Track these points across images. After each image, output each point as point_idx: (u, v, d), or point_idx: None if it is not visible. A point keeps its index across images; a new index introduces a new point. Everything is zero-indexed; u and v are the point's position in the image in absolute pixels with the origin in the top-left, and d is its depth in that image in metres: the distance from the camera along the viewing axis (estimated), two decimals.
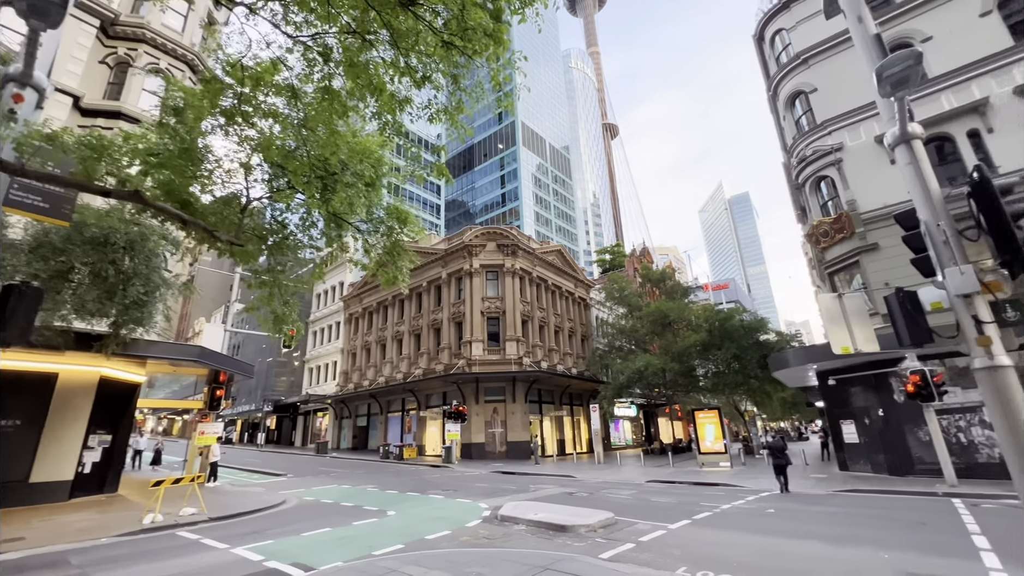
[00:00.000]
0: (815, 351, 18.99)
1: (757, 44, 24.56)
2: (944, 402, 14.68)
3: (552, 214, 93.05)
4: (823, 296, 5.15)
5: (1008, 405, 3.82)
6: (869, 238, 17.75)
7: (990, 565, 6.58)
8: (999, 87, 16.41)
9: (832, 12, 6.38)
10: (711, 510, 11.53)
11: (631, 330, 34.01)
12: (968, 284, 4.06)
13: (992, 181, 4.17)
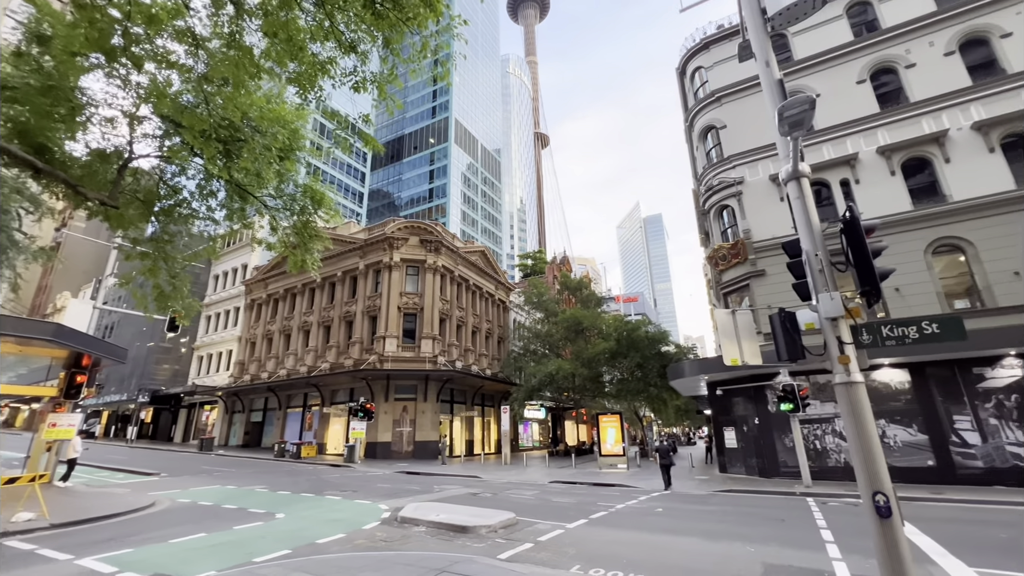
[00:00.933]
0: (707, 363, 20.81)
1: (679, 77, 26.49)
2: (807, 413, 16.78)
3: (479, 215, 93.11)
4: (720, 312, 5.60)
5: (859, 416, 4.38)
6: (759, 264, 19.83)
7: (832, 555, 7.56)
8: (866, 145, 19.19)
9: (745, 56, 7.00)
10: (607, 510, 12.09)
11: (546, 335, 34.96)
12: (835, 309, 4.62)
13: (860, 221, 4.79)
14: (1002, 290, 15.93)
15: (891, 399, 16.38)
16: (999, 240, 16.28)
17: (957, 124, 17.83)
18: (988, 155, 17.18)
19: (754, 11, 6.03)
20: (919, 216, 17.52)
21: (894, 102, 19.44)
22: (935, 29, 19.14)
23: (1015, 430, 14.73)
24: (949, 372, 15.87)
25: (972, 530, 9.27)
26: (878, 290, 4.57)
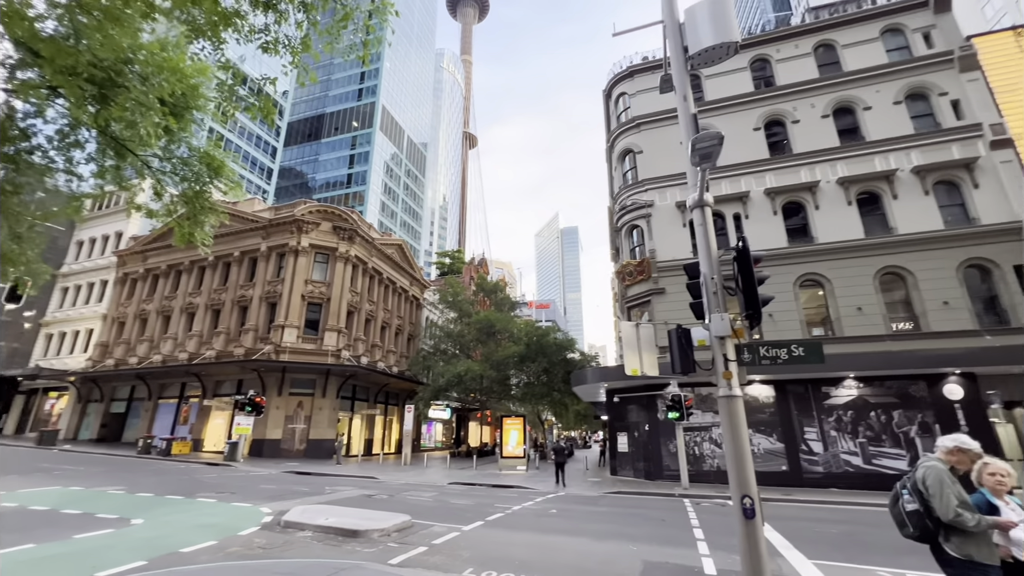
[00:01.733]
0: (608, 371, 22.04)
1: (605, 99, 27.92)
2: (690, 422, 18.41)
3: (399, 207, 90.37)
4: (625, 324, 5.92)
5: (736, 427, 4.85)
6: (660, 283, 21.43)
7: (702, 552, 8.31)
8: (756, 186, 21.64)
9: (665, 89, 7.50)
10: (504, 511, 12.23)
11: (458, 335, 34.75)
12: (724, 328, 5.08)
13: (750, 251, 5.32)
14: (848, 322, 18.80)
15: (758, 411, 18.54)
16: (849, 279, 19.21)
17: (826, 177, 20.79)
18: (847, 207, 20.22)
19: (677, 48, 6.49)
20: (792, 252, 20.11)
21: (781, 151, 22.16)
22: (816, 93, 22.16)
23: (848, 441, 17.42)
24: (804, 390, 18.36)
25: (811, 526, 10.73)
26: (760, 314, 5.11)
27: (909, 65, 21.08)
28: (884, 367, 17.16)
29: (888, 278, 19.15)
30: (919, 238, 18.83)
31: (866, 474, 16.71)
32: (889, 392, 17.50)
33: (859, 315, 18.73)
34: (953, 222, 18.93)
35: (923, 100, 20.76)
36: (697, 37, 6.25)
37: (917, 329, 18.20)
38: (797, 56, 23.11)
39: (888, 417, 17.29)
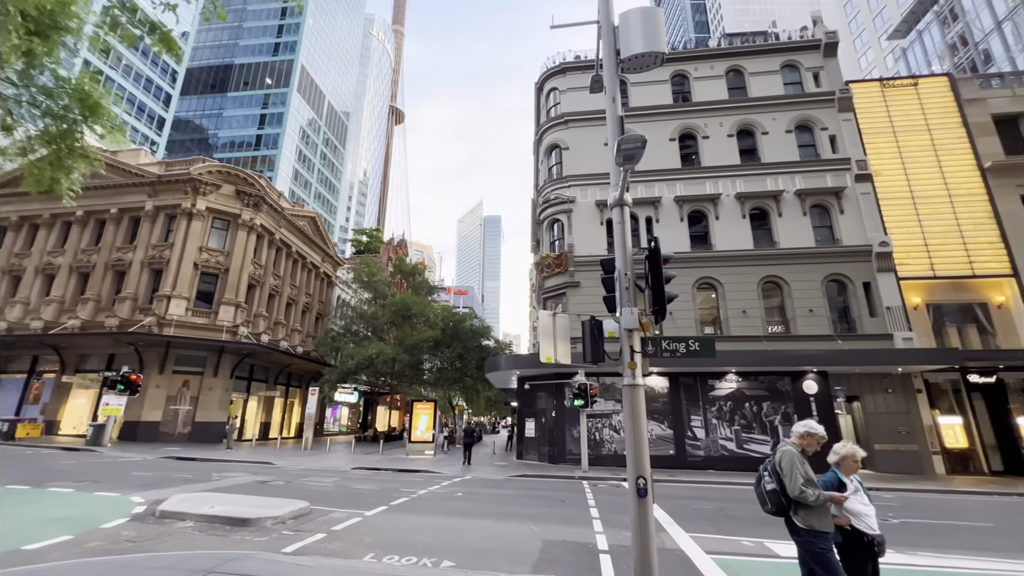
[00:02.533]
0: (521, 359, 22.61)
1: (537, 92, 28.21)
2: (593, 409, 19.51)
3: (315, 178, 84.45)
4: (543, 314, 6.09)
5: (636, 414, 5.22)
6: (576, 277, 22.32)
7: (597, 530, 8.90)
8: (668, 193, 23.26)
9: (595, 89, 7.75)
10: (409, 496, 12.12)
11: (371, 316, 33.51)
12: (633, 322, 5.42)
13: (660, 252, 5.71)
14: (734, 323, 21.01)
15: (653, 401, 20.15)
16: (738, 285, 21.44)
17: (727, 191, 22.90)
18: (741, 220, 22.48)
19: (610, 50, 6.71)
20: (694, 257, 21.96)
21: (691, 163, 23.99)
22: (725, 113, 24.24)
23: (726, 428, 19.58)
24: (693, 382, 20.27)
25: (690, 504, 11.94)
26: (665, 310, 5.52)
27: (800, 99, 23.81)
28: (760, 364, 19.48)
29: (769, 286, 21.67)
30: (796, 253, 21.51)
31: (739, 457, 18.93)
32: (761, 386, 19.92)
33: (743, 317, 21.02)
34: (822, 241, 21.86)
35: (808, 131, 23.60)
36: (629, 42, 6.50)
37: (787, 332, 20.86)
38: (711, 77, 25.07)
39: (759, 408, 19.70)
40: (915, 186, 21.97)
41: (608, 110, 6.54)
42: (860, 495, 4.15)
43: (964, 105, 22.81)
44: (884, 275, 20.66)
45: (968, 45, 49.39)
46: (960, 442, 19.33)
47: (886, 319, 20.12)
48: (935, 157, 22.30)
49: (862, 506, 4.08)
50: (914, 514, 10.92)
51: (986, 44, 47.44)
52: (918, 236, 21.24)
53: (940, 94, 23.34)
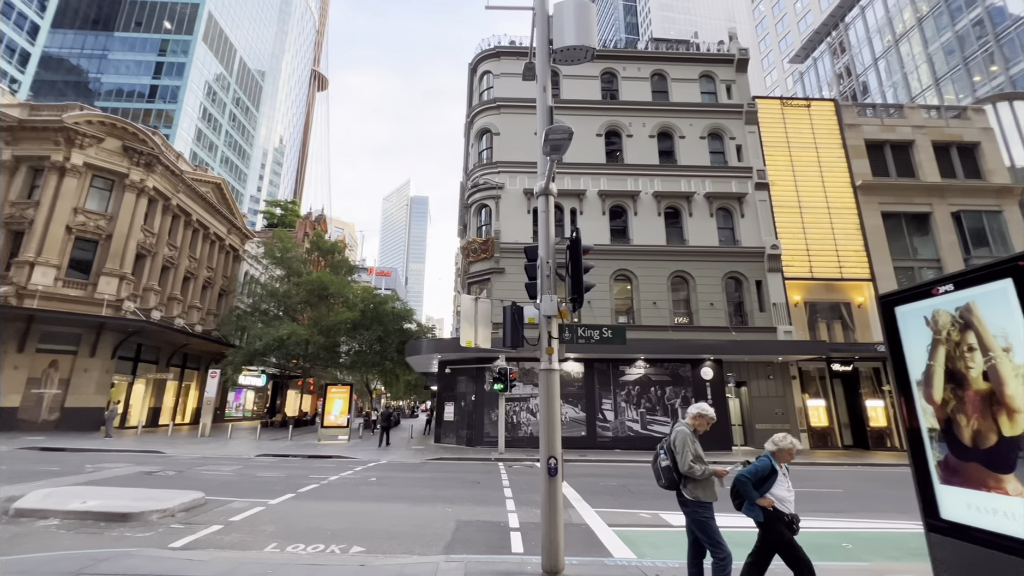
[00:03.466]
0: (443, 343, 22.50)
1: (470, 73, 27.72)
2: (512, 393, 19.97)
3: (222, 140, 76.49)
4: (466, 298, 6.10)
5: (551, 397, 5.43)
6: (502, 263, 22.53)
7: (509, 509, 9.20)
8: (592, 186, 24.12)
9: (528, 77, 7.80)
10: (319, 482, 11.66)
11: (284, 295, 31.37)
12: (552, 309, 5.60)
13: (581, 243, 5.93)
14: (646, 313, 22.49)
15: (569, 385, 21.07)
16: (651, 278, 22.91)
17: (646, 189, 24.24)
18: (657, 217, 23.95)
19: (543, 39, 6.76)
20: (613, 250, 23.08)
21: (615, 160, 25.03)
22: (648, 115, 25.51)
23: (633, 411, 21.03)
24: (606, 368, 21.46)
25: (597, 481, 12.74)
26: (582, 299, 5.77)
27: (714, 109, 25.70)
28: (665, 352, 21.09)
29: (677, 280, 23.41)
30: (702, 251, 23.39)
31: (642, 437, 20.45)
32: (666, 372, 21.59)
33: (654, 308, 22.56)
34: (725, 242, 23.97)
35: (719, 139, 25.58)
36: (562, 34, 6.59)
37: (691, 323, 22.74)
38: (638, 78, 26.21)
39: (662, 392, 21.36)
40: (802, 197, 24.77)
41: (539, 99, 6.61)
42: (787, 482, 4.47)
43: (844, 129, 26.00)
44: (773, 275, 23.18)
45: (852, 75, 56.17)
46: (822, 421, 22.44)
47: (772, 314, 22.65)
48: (819, 172, 25.26)
49: (786, 492, 4.41)
50: None
51: (865, 77, 54.25)
52: (801, 241, 24.03)
53: (827, 117, 26.38)
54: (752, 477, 4.40)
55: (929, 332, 4.91)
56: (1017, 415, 4.13)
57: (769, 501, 4.35)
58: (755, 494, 4.36)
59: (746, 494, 4.41)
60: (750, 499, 4.40)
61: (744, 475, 4.43)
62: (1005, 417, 4.23)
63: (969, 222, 24.96)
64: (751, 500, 4.41)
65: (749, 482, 4.37)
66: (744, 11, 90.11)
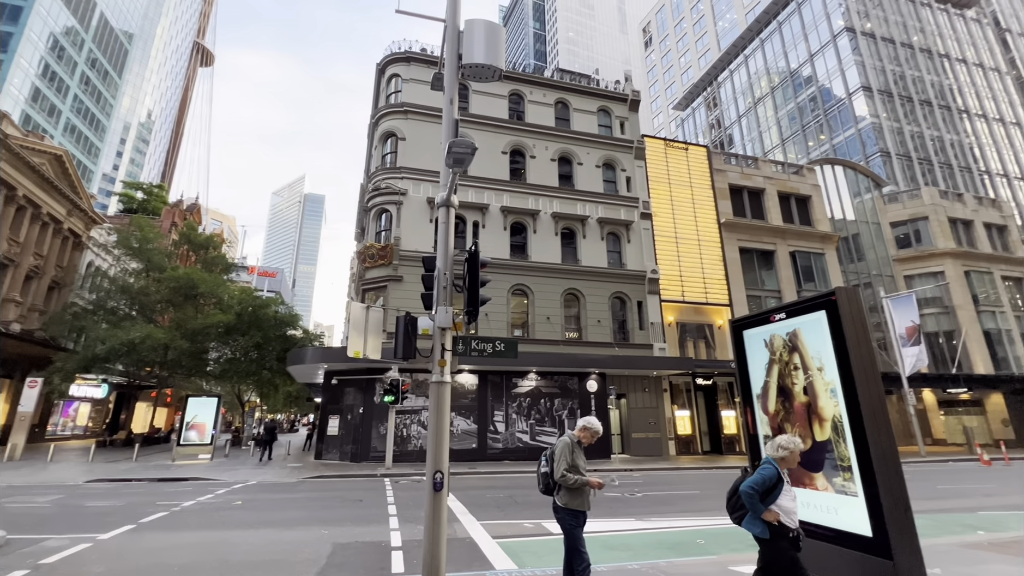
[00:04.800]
0: (331, 352, 21.13)
1: (378, 73, 26.89)
2: (403, 405, 19.35)
3: (68, 105, 64.50)
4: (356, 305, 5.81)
5: (441, 410, 5.37)
6: (400, 271, 21.92)
7: (392, 527, 8.84)
8: (495, 202, 24.64)
9: (436, 87, 7.77)
10: (169, 510, 10.15)
11: (140, 292, 27.10)
12: (447, 321, 5.57)
13: (479, 256, 6.01)
14: (540, 327, 23.37)
15: (463, 397, 21.02)
16: (546, 294, 23.92)
17: (546, 209, 25.39)
18: (554, 236, 25.17)
19: (453, 53, 6.82)
20: (512, 265, 23.71)
21: (518, 178, 25.89)
22: (550, 139, 26.87)
23: (523, 422, 21.59)
24: (500, 380, 21.82)
25: (485, 493, 12.81)
26: (477, 312, 5.82)
27: (609, 141, 27.91)
28: (556, 365, 22.07)
29: (570, 297, 24.73)
30: (593, 271, 25.03)
31: (531, 448, 21.04)
32: (555, 384, 22.56)
33: (547, 323, 23.53)
34: (612, 264, 25.92)
35: (612, 170, 27.78)
36: (471, 50, 6.70)
37: (580, 338, 24.11)
38: (543, 103, 27.55)
39: (552, 403, 22.26)
40: (678, 228, 27.80)
41: (445, 111, 6.62)
42: (792, 491, 4.08)
43: (713, 173, 29.84)
44: (652, 296, 25.56)
45: (721, 127, 64.86)
46: (687, 429, 25.07)
47: (650, 332, 24.92)
48: (693, 208, 28.61)
49: (791, 503, 4.02)
50: (653, 488, 13.73)
51: (731, 130, 62.96)
52: (676, 268, 26.90)
53: (700, 160, 30.08)
54: (760, 488, 3.90)
55: (767, 352, 5.79)
56: (826, 423, 5.02)
57: (775, 515, 3.91)
58: (762, 507, 3.90)
59: (752, 508, 3.93)
60: (756, 513, 3.93)
61: (752, 486, 3.91)
62: (818, 425, 5.12)
63: (801, 261, 30.05)
64: (757, 514, 3.93)
65: (757, 494, 3.88)
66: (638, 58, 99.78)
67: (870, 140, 44.14)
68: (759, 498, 3.88)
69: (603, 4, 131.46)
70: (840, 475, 4.73)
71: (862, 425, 4.46)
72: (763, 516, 3.90)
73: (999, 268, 34.02)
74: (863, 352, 4.59)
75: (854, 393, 4.54)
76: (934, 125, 46.93)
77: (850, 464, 4.60)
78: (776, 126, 55.21)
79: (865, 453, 4.41)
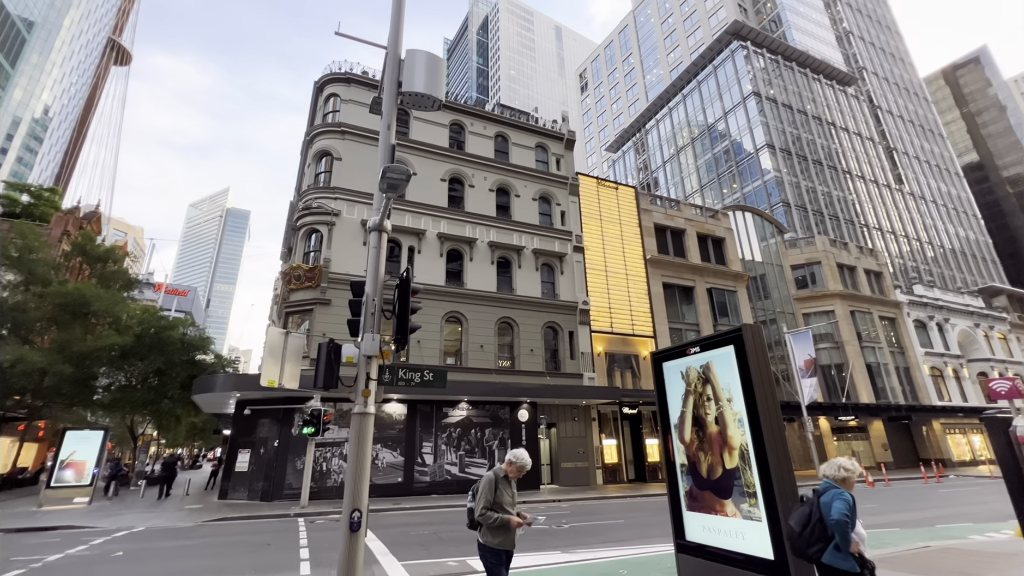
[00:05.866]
0: (246, 380, 19.48)
1: (316, 90, 26.26)
2: (324, 437, 18.16)
3: None
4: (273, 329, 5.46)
5: (362, 444, 5.10)
6: (328, 294, 20.95)
7: (303, 572, 8.11)
8: (433, 228, 24.53)
9: (375, 111, 7.73)
10: (27, 566, 8.64)
11: (15, 308, 23.56)
12: (373, 349, 5.38)
13: (411, 283, 5.92)
14: (473, 355, 23.17)
15: (389, 428, 20.14)
16: (480, 322, 23.87)
17: (482, 238, 25.63)
18: (490, 265, 25.39)
19: (393, 80, 6.84)
20: (447, 291, 23.50)
21: (457, 205, 26.04)
22: (489, 170, 27.43)
23: (452, 454, 21.01)
24: (430, 410, 21.21)
25: (409, 531, 12.18)
26: (407, 339, 5.68)
27: (545, 176, 28.99)
28: (488, 394, 21.86)
29: (504, 326, 24.85)
30: (527, 300, 25.43)
31: (460, 480, 20.44)
32: (486, 414, 22.30)
33: (481, 351, 23.40)
34: (546, 294, 26.52)
35: (548, 203, 28.78)
36: (412, 79, 6.76)
37: (513, 367, 24.17)
38: (483, 135, 28.20)
39: (482, 434, 21.92)
40: (608, 262, 29.15)
41: (382, 135, 6.57)
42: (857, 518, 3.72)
43: (640, 212, 31.85)
44: (583, 327, 26.34)
45: (648, 170, 69.76)
46: (613, 458, 25.64)
47: (580, 361, 25.54)
48: (621, 244, 30.20)
49: (863, 529, 3.73)
50: (580, 519, 13.79)
51: (657, 174, 67.86)
52: (605, 300, 28.03)
53: (629, 200, 32.02)
54: (853, 516, 3.47)
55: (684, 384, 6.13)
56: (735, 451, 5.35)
57: (857, 546, 3.55)
58: (852, 537, 3.46)
59: (845, 540, 3.45)
60: (847, 545, 3.47)
61: (846, 514, 3.45)
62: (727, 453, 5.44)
63: (717, 297, 32.52)
64: (848, 546, 3.46)
65: (849, 522, 3.42)
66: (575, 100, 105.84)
67: (774, 191, 49.47)
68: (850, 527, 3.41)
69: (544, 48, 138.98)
70: (747, 501, 5.02)
71: (765, 452, 4.81)
72: (852, 549, 3.45)
73: (877, 309, 38.89)
74: (765, 384, 5.00)
75: (758, 422, 4.91)
76: (824, 182, 53.62)
77: (755, 490, 4.91)
78: (696, 173, 60.37)
79: (767, 479, 4.75)
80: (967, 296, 47.73)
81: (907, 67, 77.01)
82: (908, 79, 75.62)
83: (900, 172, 63.95)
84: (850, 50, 69.07)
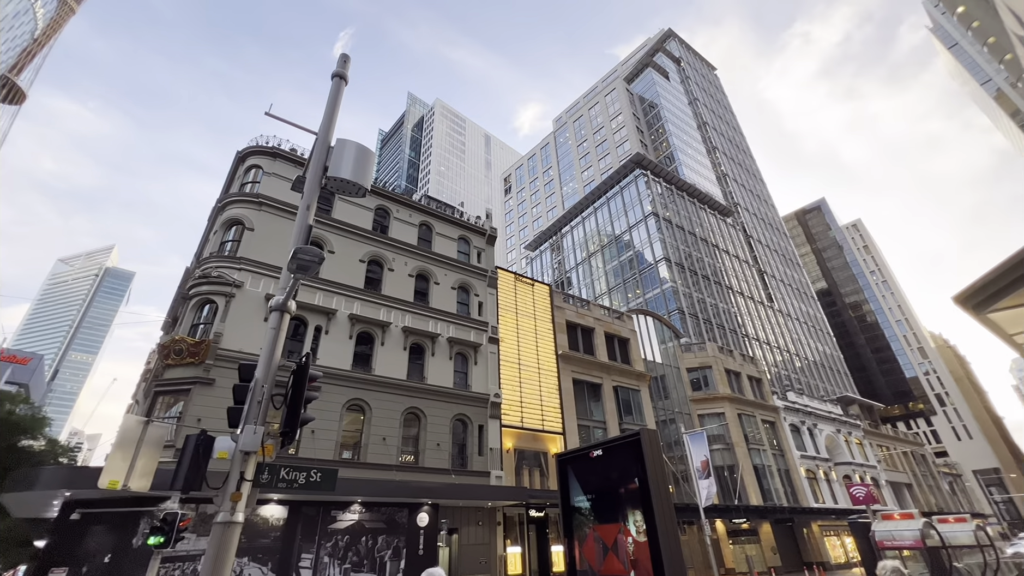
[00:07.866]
0: (80, 475, 15.92)
1: (238, 160, 25.63)
2: (175, 549, 14.98)
3: None
4: (129, 417, 4.66)
5: (223, 559, 4.29)
6: (213, 373, 18.67)
7: None
8: (345, 308, 23.57)
9: (297, 189, 7.69)
10: None
11: None
12: (253, 444, 4.77)
13: (309, 369, 5.51)
14: (373, 449, 21.31)
15: (262, 536, 17.21)
16: (385, 412, 22.38)
17: (397, 322, 25.00)
18: (402, 351, 24.54)
19: (318, 165, 6.94)
20: (352, 376, 22.04)
21: (374, 287, 25.52)
22: (410, 256, 27.65)
23: (336, 567, 18.24)
24: (316, 512, 18.62)
25: None
26: (295, 433, 5.13)
27: (465, 267, 29.79)
28: (385, 495, 19.82)
29: (410, 416, 23.48)
30: (438, 390, 24.53)
31: None
32: (381, 518, 20.03)
33: (383, 444, 21.64)
34: (459, 384, 25.87)
35: (467, 293, 29.25)
36: (339, 165, 6.90)
37: (416, 463, 22.47)
38: (408, 222, 28.80)
39: (374, 542, 19.46)
40: (521, 355, 29.53)
41: (300, 215, 6.48)
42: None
43: (554, 308, 33.39)
44: (493, 421, 25.68)
45: (563, 270, 74.58)
46: (517, 568, 23.80)
47: (488, 458, 24.47)
48: (535, 338, 31.01)
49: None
50: None
51: (570, 274, 72.69)
52: (517, 394, 27.91)
53: (544, 296, 33.59)
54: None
55: None
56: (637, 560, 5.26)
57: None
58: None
59: None
60: None
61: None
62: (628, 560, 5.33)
63: (623, 395, 33.83)
64: None
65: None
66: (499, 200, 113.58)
67: (671, 299, 54.90)
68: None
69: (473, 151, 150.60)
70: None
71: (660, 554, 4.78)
72: None
73: (760, 413, 42.66)
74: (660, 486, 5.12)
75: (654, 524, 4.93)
76: (712, 295, 60.76)
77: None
78: (605, 277, 65.68)
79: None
80: (829, 404, 54.35)
81: (770, 207, 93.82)
82: (772, 217, 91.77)
83: (770, 292, 74.68)
84: (727, 188, 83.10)
